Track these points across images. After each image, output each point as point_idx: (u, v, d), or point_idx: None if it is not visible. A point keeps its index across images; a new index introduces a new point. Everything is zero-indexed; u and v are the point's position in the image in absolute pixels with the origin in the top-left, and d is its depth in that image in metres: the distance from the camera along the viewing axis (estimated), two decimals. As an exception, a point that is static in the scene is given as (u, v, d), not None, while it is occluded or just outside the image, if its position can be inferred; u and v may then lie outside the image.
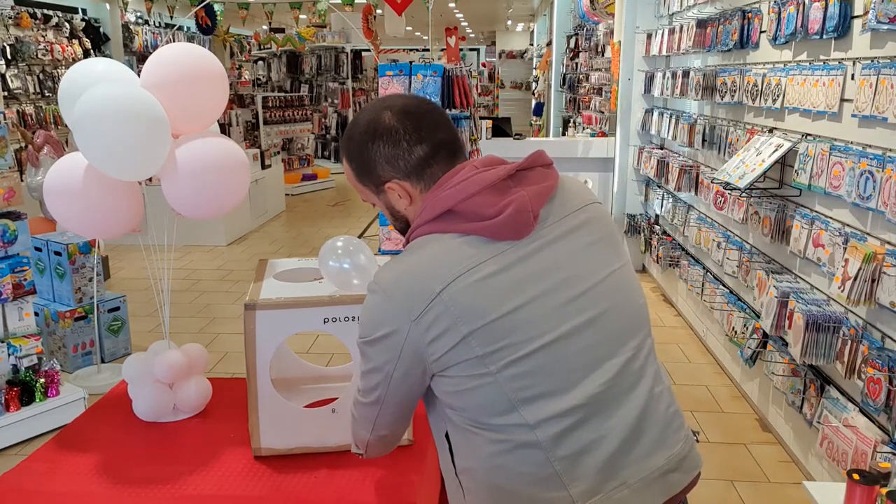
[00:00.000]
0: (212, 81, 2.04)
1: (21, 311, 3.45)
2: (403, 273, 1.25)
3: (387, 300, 1.24)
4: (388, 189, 1.35)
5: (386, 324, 1.24)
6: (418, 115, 1.33)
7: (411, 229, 1.33)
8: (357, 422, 1.40)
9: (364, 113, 1.38)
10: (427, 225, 1.29)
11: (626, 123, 6.00)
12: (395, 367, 1.26)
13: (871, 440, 2.40)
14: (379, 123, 1.33)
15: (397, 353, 1.24)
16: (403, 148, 1.31)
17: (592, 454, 1.20)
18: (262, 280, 1.86)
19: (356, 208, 9.51)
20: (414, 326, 1.21)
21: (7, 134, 3.39)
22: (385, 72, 3.80)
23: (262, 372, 1.72)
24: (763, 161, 3.20)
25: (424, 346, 1.22)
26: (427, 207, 1.29)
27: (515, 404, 1.20)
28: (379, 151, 1.32)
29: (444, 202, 1.27)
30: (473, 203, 1.25)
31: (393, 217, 1.42)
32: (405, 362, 1.25)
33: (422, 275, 1.23)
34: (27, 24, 8.59)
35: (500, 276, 1.22)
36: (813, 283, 3.02)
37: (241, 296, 5.55)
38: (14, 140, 7.19)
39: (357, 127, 1.37)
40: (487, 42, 23.12)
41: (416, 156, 1.31)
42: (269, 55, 13.38)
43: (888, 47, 2.51)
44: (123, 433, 1.93)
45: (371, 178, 1.36)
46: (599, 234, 1.33)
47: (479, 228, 1.24)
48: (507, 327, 1.20)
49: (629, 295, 1.33)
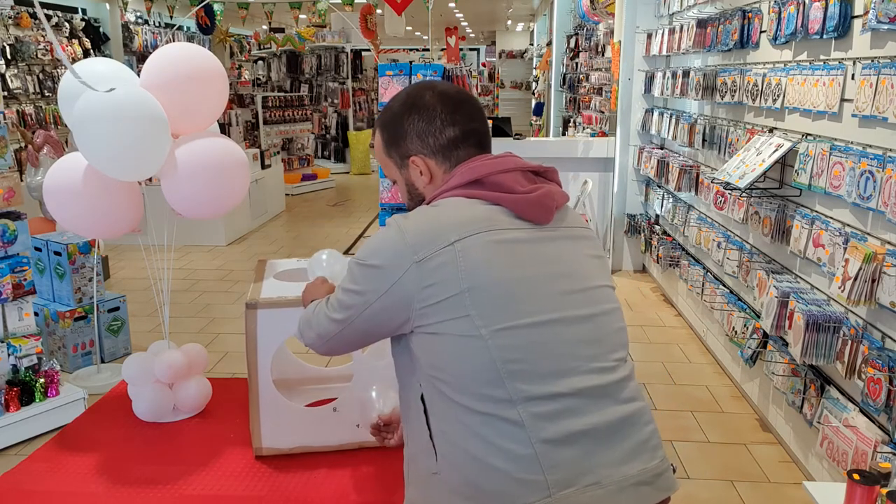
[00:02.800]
0: (212, 81, 2.04)
1: (21, 311, 3.45)
2: (423, 218, 1.29)
3: (397, 235, 1.26)
4: (412, 163, 1.39)
5: (386, 256, 1.26)
6: (457, 101, 1.40)
7: (438, 192, 1.35)
8: (311, 327, 1.41)
9: (407, 89, 1.44)
10: (455, 189, 1.33)
11: (626, 123, 6.00)
12: (376, 299, 1.27)
13: (871, 440, 2.39)
14: (418, 99, 1.39)
15: (385, 287, 1.25)
16: (437, 126, 1.37)
17: (572, 445, 1.21)
18: (262, 280, 1.87)
19: (356, 208, 9.51)
20: (415, 267, 1.23)
21: (7, 134, 3.39)
22: (385, 72, 3.79)
23: (264, 371, 1.73)
24: (763, 161, 3.20)
25: (419, 289, 1.23)
26: (456, 175, 1.34)
27: (503, 376, 1.20)
28: (413, 124, 1.38)
29: (476, 171, 1.32)
30: (506, 177, 1.31)
31: (409, 194, 1.45)
32: (390, 298, 1.26)
33: (440, 223, 1.26)
34: (27, 24, 8.59)
35: (515, 245, 1.27)
36: (813, 283, 3.02)
37: (241, 296, 5.55)
38: (14, 140, 7.19)
39: (397, 100, 1.42)
40: (487, 42, 23.12)
41: (447, 136, 1.37)
42: (269, 55, 13.37)
43: (888, 47, 2.51)
44: (123, 433, 1.93)
45: (398, 150, 1.40)
46: (597, 252, 1.41)
47: (507, 200, 1.30)
48: (508, 294, 1.22)
49: (615, 314, 1.37)
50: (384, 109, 1.45)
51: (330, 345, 1.39)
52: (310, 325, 1.42)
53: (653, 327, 4.91)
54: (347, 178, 12.25)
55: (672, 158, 5.03)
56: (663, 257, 5.27)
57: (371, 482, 1.67)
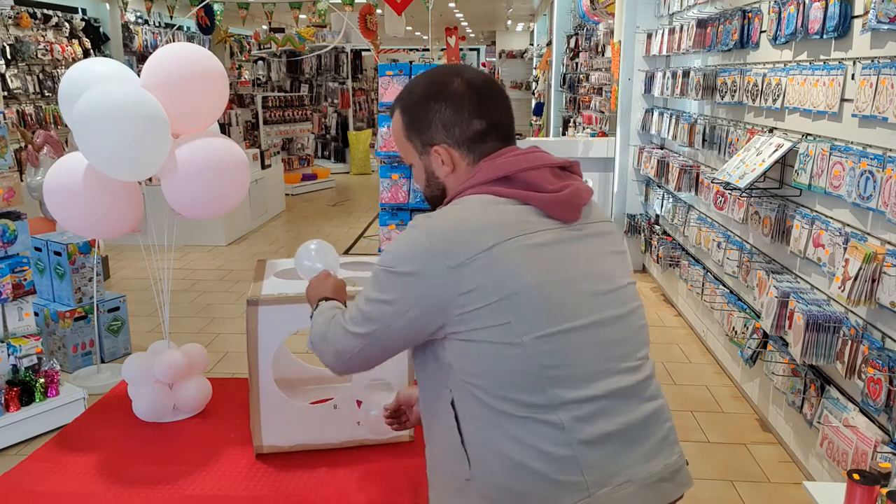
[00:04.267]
0: (212, 81, 2.04)
1: (21, 311, 3.45)
2: (453, 221, 1.24)
3: (425, 240, 1.22)
4: (435, 152, 1.34)
5: (418, 261, 1.21)
6: (486, 92, 1.35)
7: (463, 187, 1.31)
8: (327, 342, 1.34)
9: (431, 73, 1.38)
10: (481, 186, 1.28)
11: (626, 123, 6.00)
12: (409, 308, 1.21)
13: (871, 440, 2.39)
14: (447, 86, 1.33)
15: (420, 294, 1.20)
16: (464, 117, 1.32)
17: (605, 445, 1.21)
18: (262, 279, 1.87)
19: (356, 208, 9.51)
20: (450, 274, 1.19)
21: (7, 134, 3.39)
22: (385, 72, 3.79)
23: (265, 369, 1.72)
24: (763, 161, 3.19)
25: (455, 295, 1.19)
26: (483, 170, 1.29)
27: (543, 382, 1.19)
28: (439, 113, 1.32)
29: (504, 168, 1.28)
30: (535, 175, 1.28)
31: (427, 182, 1.39)
32: (424, 307, 1.21)
33: (473, 226, 1.22)
34: (27, 24, 8.58)
35: (549, 248, 1.25)
36: (813, 283, 3.02)
37: (241, 295, 5.55)
38: (14, 140, 7.18)
39: (421, 83, 1.36)
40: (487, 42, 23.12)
41: (474, 129, 1.32)
42: (269, 55, 13.37)
43: (888, 47, 2.51)
44: (123, 433, 1.93)
45: (420, 137, 1.35)
46: (619, 248, 1.39)
47: (536, 199, 1.26)
48: (546, 299, 1.20)
49: (640, 312, 1.37)
50: (406, 90, 1.38)
51: (350, 363, 1.32)
52: (325, 340, 1.35)
53: (653, 327, 4.89)
54: (347, 178, 12.25)
55: (672, 158, 5.03)
56: (663, 257, 5.27)
57: (372, 480, 1.67)
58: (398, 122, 1.38)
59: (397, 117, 1.38)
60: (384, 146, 3.78)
